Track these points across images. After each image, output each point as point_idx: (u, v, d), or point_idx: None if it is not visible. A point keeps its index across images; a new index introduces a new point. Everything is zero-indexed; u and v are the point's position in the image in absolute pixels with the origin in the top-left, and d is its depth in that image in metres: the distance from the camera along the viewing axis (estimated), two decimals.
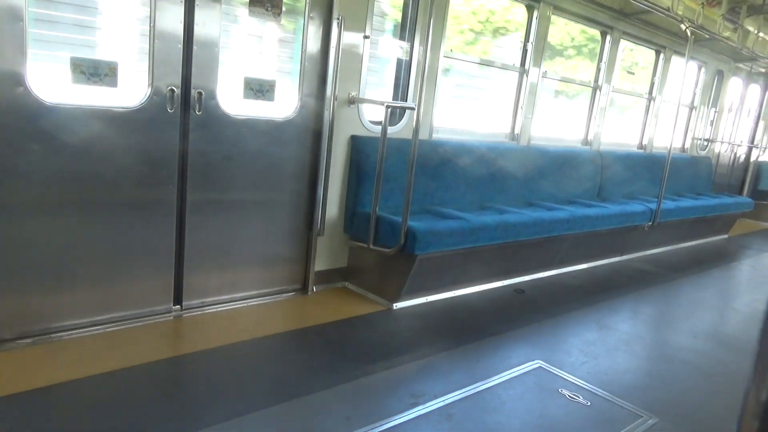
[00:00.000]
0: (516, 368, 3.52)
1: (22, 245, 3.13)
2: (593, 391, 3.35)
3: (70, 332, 3.34)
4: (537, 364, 3.61)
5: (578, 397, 3.25)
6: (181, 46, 3.44)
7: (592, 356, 3.86)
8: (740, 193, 10.34)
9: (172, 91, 3.45)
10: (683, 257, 7.30)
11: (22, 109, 2.97)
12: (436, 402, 3.02)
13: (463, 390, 3.18)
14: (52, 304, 3.31)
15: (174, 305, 3.80)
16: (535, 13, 5.72)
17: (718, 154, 10.05)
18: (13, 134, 2.98)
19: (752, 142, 10.66)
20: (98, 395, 2.77)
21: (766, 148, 10.88)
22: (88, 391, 2.79)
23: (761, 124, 10.71)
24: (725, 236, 8.84)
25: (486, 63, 5.77)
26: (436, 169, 4.99)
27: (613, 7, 6.35)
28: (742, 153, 10.75)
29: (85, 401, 2.71)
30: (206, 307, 3.92)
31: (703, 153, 9.39)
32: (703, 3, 6.45)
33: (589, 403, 3.20)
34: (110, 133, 3.29)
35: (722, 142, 10.01)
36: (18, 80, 2.93)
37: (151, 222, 3.57)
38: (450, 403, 3.03)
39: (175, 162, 3.57)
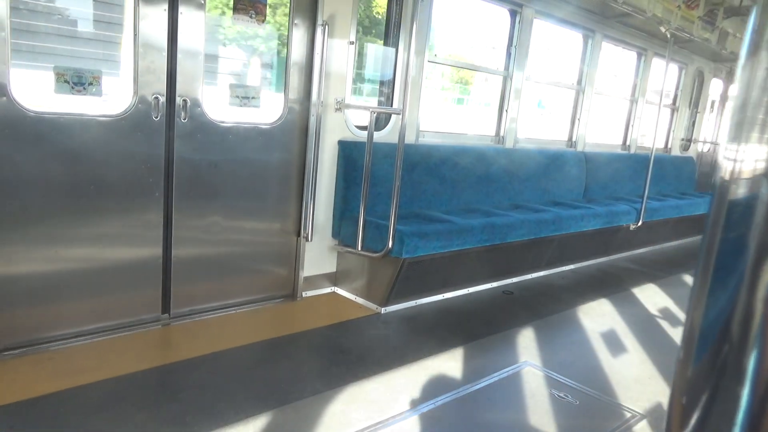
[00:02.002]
0: (505, 369, 3.55)
1: (8, 255, 3.11)
2: (581, 390, 3.38)
3: (57, 343, 3.31)
4: (526, 364, 3.64)
5: (567, 397, 3.28)
6: (165, 54, 3.44)
7: (580, 356, 3.90)
8: None
9: (157, 99, 3.45)
10: (669, 256, 7.39)
11: (5, 119, 2.95)
12: (426, 405, 3.03)
13: (454, 392, 3.20)
14: (39, 314, 3.28)
15: (162, 314, 3.78)
16: (518, 18, 5.78)
17: (701, 154, 10.19)
18: None
19: None
20: (87, 406, 2.75)
21: None
22: (77, 402, 2.77)
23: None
24: None
25: (471, 67, 5.81)
26: (423, 172, 5.02)
27: (594, 10, 6.44)
28: None
29: (74, 412, 2.69)
30: (195, 315, 3.91)
31: (685, 153, 9.52)
32: (680, 5, 6.55)
33: (577, 402, 3.23)
34: (96, 141, 3.28)
35: (704, 142, 10.15)
36: (2, 91, 2.91)
37: (137, 230, 3.55)
38: (440, 405, 3.05)
39: (161, 169, 3.57)
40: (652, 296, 5.54)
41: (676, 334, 4.49)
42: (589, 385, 3.44)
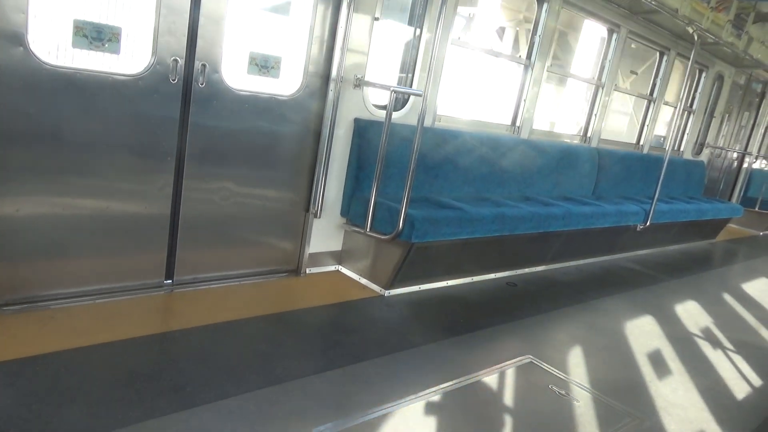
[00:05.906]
0: (507, 362, 3.53)
1: (14, 209, 3.06)
2: (583, 389, 3.37)
3: (60, 301, 3.28)
4: (528, 359, 3.62)
5: (568, 395, 3.26)
6: (187, 16, 3.35)
7: (582, 354, 3.88)
8: (730, 198, 10.44)
9: (176, 61, 3.36)
10: (672, 259, 7.36)
11: (21, 70, 2.88)
12: (427, 393, 3.01)
13: (455, 381, 3.17)
14: (42, 271, 3.24)
15: (166, 280, 3.74)
16: (545, 7, 5.66)
17: (711, 159, 10.11)
18: (11, 96, 2.88)
19: (746, 149, 10.74)
20: (87, 368, 2.72)
21: (758, 156, 10.98)
22: (77, 363, 2.74)
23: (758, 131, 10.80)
24: (712, 241, 8.93)
25: (493, 53, 5.71)
26: (436, 157, 4.94)
27: (622, 4, 6.31)
28: (734, 159, 10.84)
29: (74, 373, 2.66)
30: (198, 284, 3.87)
31: (697, 157, 9.44)
32: (711, 7, 6.42)
33: (578, 402, 3.21)
34: (110, 99, 3.20)
35: (717, 148, 10.07)
36: (19, 41, 2.83)
37: (147, 193, 3.50)
38: (442, 394, 3.03)
39: (174, 133, 3.50)
40: (656, 298, 5.52)
41: (681, 338, 4.47)
42: (591, 385, 3.42)
